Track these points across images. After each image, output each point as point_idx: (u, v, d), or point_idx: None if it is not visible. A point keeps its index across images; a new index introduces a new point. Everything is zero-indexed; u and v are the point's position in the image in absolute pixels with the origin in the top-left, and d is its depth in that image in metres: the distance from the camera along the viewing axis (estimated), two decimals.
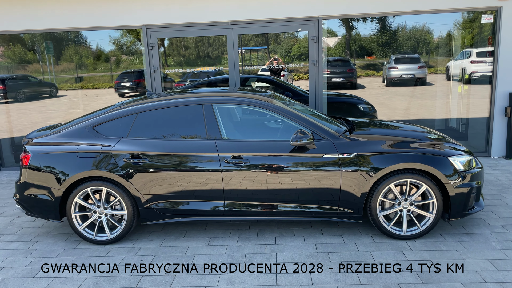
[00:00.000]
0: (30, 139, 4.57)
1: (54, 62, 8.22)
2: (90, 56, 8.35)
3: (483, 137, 7.52)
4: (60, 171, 4.30)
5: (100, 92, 8.50)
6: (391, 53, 8.23)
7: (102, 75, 8.54)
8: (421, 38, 7.99)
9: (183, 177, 4.25)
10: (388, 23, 7.78)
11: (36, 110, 8.39)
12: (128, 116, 4.42)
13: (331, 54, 8.02)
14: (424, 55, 8.23)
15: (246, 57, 8.50)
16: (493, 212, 4.93)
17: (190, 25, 7.23)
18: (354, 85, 8.55)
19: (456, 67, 8.00)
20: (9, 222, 5.21)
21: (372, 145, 4.21)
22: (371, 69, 8.58)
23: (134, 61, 8.44)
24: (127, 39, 8.26)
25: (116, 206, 4.44)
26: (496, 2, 6.90)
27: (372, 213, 4.25)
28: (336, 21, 7.70)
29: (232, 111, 4.91)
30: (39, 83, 8.47)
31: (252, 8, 7.04)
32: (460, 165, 4.22)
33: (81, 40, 8.31)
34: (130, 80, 8.64)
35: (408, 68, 8.44)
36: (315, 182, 4.18)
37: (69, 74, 8.50)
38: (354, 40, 8.15)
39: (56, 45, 8.09)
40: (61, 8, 7.18)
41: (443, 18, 7.46)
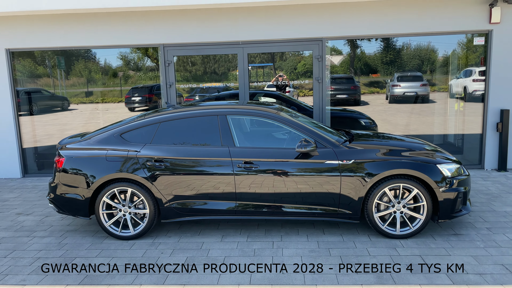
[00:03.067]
0: (64, 144, 5.13)
1: (65, 77, 8.71)
2: (100, 71, 8.77)
3: (477, 151, 8.00)
4: (91, 173, 4.84)
5: (110, 106, 9.02)
6: (394, 71, 8.65)
7: (112, 90, 9.02)
8: (425, 57, 8.37)
9: (199, 180, 4.78)
10: (392, 42, 8.25)
11: (49, 122, 8.91)
12: (151, 125, 4.98)
13: (336, 71, 8.55)
14: (429, 73, 8.58)
15: (252, 74, 9.04)
16: (481, 217, 5.40)
17: (203, 44, 7.85)
18: (358, 102, 8.94)
19: (459, 85, 8.37)
20: (39, 221, 5.74)
21: (368, 153, 4.73)
22: (375, 86, 8.98)
23: (141, 77, 8.93)
24: (136, 55, 8.76)
25: (139, 205, 4.96)
26: (487, 26, 7.47)
27: (369, 214, 4.74)
28: (341, 40, 8.24)
29: (242, 122, 5.46)
30: (52, 96, 8.96)
31: (261, 29, 7.66)
32: (448, 172, 4.71)
33: (91, 56, 8.78)
34: (140, 95, 9.06)
35: (411, 86, 8.74)
36: (318, 185, 4.69)
37: (79, 88, 8.97)
38: (359, 58, 8.63)
39: (67, 60, 8.60)
40: (85, 27, 7.83)
41: (446, 38, 7.94)
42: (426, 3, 7.45)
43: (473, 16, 7.44)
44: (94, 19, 7.79)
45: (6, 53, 8.05)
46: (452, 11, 7.44)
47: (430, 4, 7.45)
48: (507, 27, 7.42)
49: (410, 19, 7.51)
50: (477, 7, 7.43)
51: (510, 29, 7.42)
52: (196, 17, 7.71)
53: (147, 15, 7.74)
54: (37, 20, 7.85)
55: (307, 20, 7.60)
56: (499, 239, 4.69)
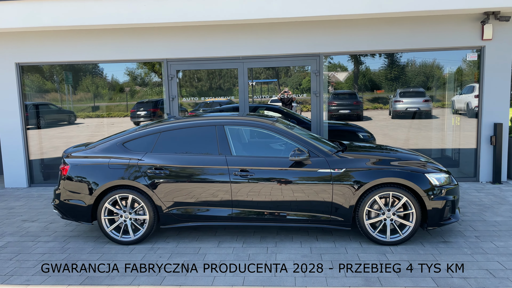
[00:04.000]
0: (69, 153, 5.38)
1: (72, 92, 8.99)
2: (106, 86, 9.02)
3: (473, 164, 8.16)
4: (94, 180, 5.08)
5: (116, 120, 9.28)
6: (397, 87, 8.77)
7: (118, 105, 9.29)
8: (430, 73, 8.46)
9: (198, 187, 5.00)
10: (396, 59, 8.42)
11: (56, 136, 9.17)
12: (152, 135, 5.23)
13: (341, 87, 8.75)
14: (434, 89, 8.65)
15: (256, 89, 9.28)
16: (471, 226, 5.55)
17: (205, 59, 8.16)
18: (360, 117, 9.07)
19: (461, 101, 8.51)
20: (44, 227, 5.96)
21: (359, 162, 4.94)
22: (379, 102, 9.09)
23: (147, 92, 9.19)
24: (142, 71, 9.06)
25: (139, 211, 5.17)
26: (480, 42, 7.72)
27: (360, 221, 4.91)
28: (345, 57, 8.49)
29: (240, 132, 5.69)
30: (59, 110, 9.23)
31: (261, 45, 7.96)
32: (436, 181, 4.89)
33: (98, 71, 9.03)
34: (146, 109, 9.31)
35: (413, 102, 8.88)
36: (311, 192, 4.89)
37: (86, 103, 9.24)
38: (364, 75, 8.81)
39: (74, 75, 8.87)
40: (93, 42, 8.17)
41: (449, 55, 8.11)
42: (420, 20, 7.72)
43: (466, 33, 7.70)
44: (101, 34, 8.14)
45: (16, 67, 8.39)
46: (445, 28, 7.70)
47: (424, 21, 7.72)
48: (499, 43, 7.66)
49: (404, 35, 7.78)
50: (469, 24, 7.69)
51: (501, 45, 7.66)
52: (198, 33, 8.03)
53: (151, 31, 8.07)
54: (46, 35, 8.20)
55: (304, 37, 7.90)
56: (486, 247, 4.84)
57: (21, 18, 7.39)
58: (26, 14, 7.35)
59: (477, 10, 7.26)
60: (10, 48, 8.31)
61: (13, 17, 7.41)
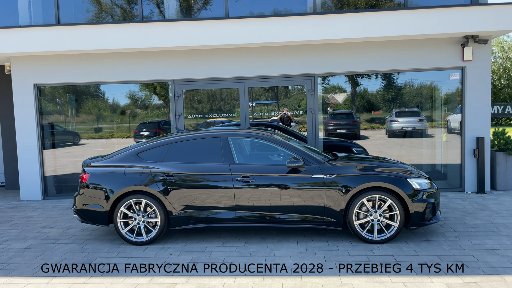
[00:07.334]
0: (88, 162, 5.99)
1: (76, 114, 9.55)
2: (108, 109, 9.56)
3: (458, 176, 8.74)
4: (111, 187, 5.67)
5: (119, 141, 9.77)
6: (392, 107, 9.27)
7: (120, 126, 9.76)
8: (427, 94, 9.04)
9: (204, 192, 5.59)
10: (392, 81, 9.01)
11: (62, 155, 9.70)
12: (164, 146, 5.85)
13: (339, 108, 9.34)
14: (431, 110, 9.15)
15: (256, 110, 9.81)
16: (452, 228, 6.11)
17: (209, 79, 8.85)
18: (358, 136, 9.53)
19: (456, 121, 9.00)
20: (62, 232, 6.51)
21: (347, 168, 5.54)
22: (376, 122, 9.55)
23: (148, 114, 9.73)
24: (145, 93, 9.61)
25: (151, 214, 5.73)
26: (461, 63, 8.42)
27: (350, 222, 5.48)
28: (343, 78, 9.11)
29: (242, 143, 6.31)
30: (64, 131, 9.76)
31: (260, 67, 8.66)
32: (418, 186, 5.48)
33: (100, 94, 9.54)
34: (149, 130, 9.74)
35: (408, 121, 9.32)
36: (306, 196, 5.47)
37: (89, 125, 9.77)
38: (362, 96, 9.32)
39: (84, 98, 9.45)
40: (106, 65, 8.89)
41: (437, 75, 8.72)
42: (407, 44, 8.44)
43: (449, 54, 8.41)
44: (115, 58, 8.86)
45: (34, 88, 9.07)
46: (430, 50, 8.41)
47: (411, 45, 8.44)
48: (479, 63, 8.36)
49: (393, 57, 8.49)
50: (451, 46, 8.41)
51: (481, 65, 8.35)
52: (203, 56, 8.75)
53: (160, 55, 8.80)
54: (63, 58, 8.92)
55: (300, 59, 8.61)
56: (463, 244, 5.39)
57: (45, 43, 8.15)
58: (54, 39, 8.16)
59: (457, 34, 7.99)
60: (29, 70, 9.01)
61: (39, 42, 8.18)
